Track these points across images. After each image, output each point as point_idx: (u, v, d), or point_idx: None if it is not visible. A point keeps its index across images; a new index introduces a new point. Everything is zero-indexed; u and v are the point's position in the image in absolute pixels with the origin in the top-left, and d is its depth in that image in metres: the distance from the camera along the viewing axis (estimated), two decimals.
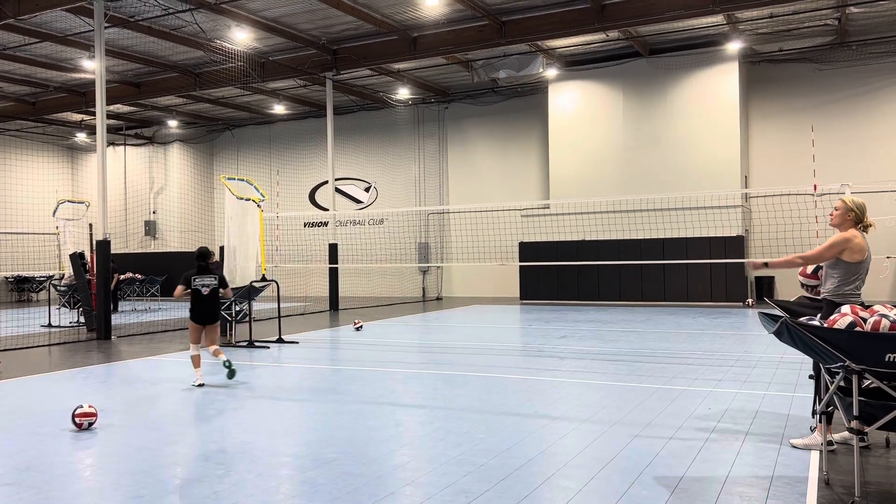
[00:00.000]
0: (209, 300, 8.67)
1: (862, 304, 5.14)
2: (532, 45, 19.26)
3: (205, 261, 8.79)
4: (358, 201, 27.17)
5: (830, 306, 5.38)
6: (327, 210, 23.38)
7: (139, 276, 23.02)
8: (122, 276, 21.46)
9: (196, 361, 8.57)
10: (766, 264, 5.76)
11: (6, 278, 27.83)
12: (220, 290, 8.85)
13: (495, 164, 24.81)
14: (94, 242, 14.59)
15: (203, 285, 8.60)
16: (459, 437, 5.94)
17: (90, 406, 6.52)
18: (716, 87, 20.04)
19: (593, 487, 4.64)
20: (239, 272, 12.99)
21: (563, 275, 21.42)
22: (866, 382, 4.53)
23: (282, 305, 14.04)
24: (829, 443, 5.29)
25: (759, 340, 11.80)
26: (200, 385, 8.47)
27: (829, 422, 5.21)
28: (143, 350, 12.00)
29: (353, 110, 26.41)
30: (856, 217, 5.48)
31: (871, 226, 5.51)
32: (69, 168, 31.10)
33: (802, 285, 6.29)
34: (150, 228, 29.67)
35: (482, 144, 25.06)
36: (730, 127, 19.89)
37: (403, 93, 23.98)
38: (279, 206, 27.33)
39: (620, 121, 21.28)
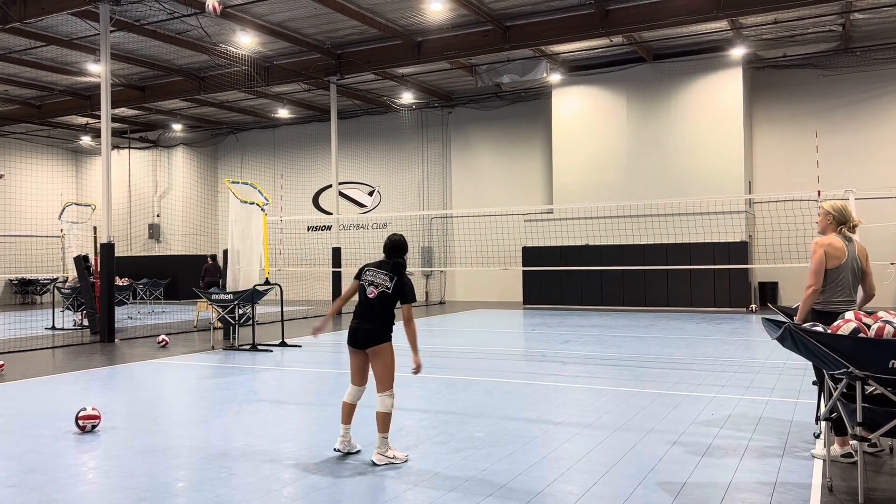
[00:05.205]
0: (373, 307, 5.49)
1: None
2: (536, 49, 19.28)
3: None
4: (362, 205, 27.20)
5: (819, 316, 5.32)
6: (331, 214, 23.39)
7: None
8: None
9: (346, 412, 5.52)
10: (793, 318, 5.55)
11: (10, 280, 27.90)
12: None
13: (499, 169, 24.81)
14: (98, 245, 14.63)
15: (369, 283, 5.62)
16: (462, 441, 5.94)
17: (93, 408, 6.54)
18: (720, 93, 20.03)
19: (596, 493, 4.64)
20: (242, 275, 13.03)
21: (566, 280, 21.39)
22: (870, 389, 4.52)
23: (285, 309, 14.05)
24: (848, 454, 5.13)
25: (762, 346, 11.77)
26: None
27: (839, 433, 5.08)
28: (146, 353, 12.01)
29: (356, 114, 26.46)
30: (836, 220, 5.46)
31: (857, 225, 5.50)
32: (74, 171, 31.20)
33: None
34: (154, 232, 29.74)
35: (486, 149, 25.08)
36: (733, 132, 19.87)
37: (407, 97, 24.02)
38: (283, 209, 27.37)
39: (624, 126, 21.27)
